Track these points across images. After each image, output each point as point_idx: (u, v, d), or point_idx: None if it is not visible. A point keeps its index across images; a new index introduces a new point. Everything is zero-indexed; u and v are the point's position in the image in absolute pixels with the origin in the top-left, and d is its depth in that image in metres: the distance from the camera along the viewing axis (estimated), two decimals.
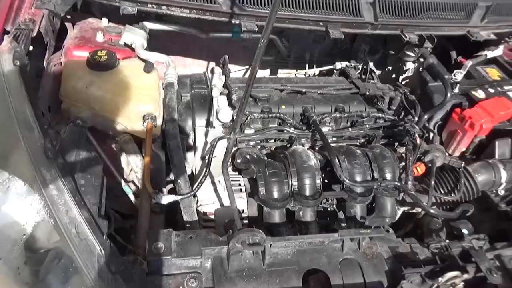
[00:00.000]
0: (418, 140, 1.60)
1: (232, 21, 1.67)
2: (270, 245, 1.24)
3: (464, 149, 1.85)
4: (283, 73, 2.60)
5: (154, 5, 1.64)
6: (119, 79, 1.61)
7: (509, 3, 1.99)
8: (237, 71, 2.55)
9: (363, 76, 2.16)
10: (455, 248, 1.33)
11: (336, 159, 1.53)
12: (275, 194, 1.49)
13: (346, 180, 1.50)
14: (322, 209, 1.67)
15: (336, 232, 1.29)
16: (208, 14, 1.66)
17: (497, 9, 1.97)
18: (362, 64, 2.20)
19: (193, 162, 1.70)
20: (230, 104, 1.72)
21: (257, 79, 2.04)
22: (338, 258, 1.28)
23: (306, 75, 2.52)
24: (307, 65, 2.48)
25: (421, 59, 1.90)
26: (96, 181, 1.24)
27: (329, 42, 2.50)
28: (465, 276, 1.20)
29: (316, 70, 2.48)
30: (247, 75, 2.37)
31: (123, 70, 1.64)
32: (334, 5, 1.72)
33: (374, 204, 1.63)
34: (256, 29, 1.66)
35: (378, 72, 2.53)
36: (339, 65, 2.29)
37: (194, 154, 1.67)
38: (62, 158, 1.22)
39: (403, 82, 2.33)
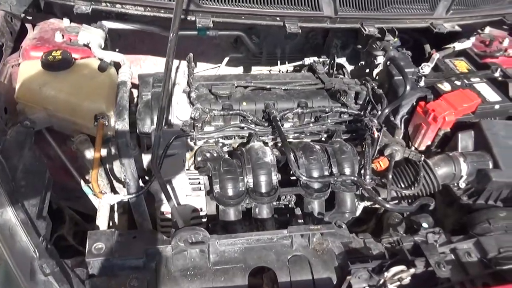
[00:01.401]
0: (376, 134, 1.58)
1: (188, 18, 1.66)
2: (216, 243, 1.23)
3: (429, 142, 1.83)
4: (256, 70, 2.58)
5: (108, 4, 1.63)
6: (74, 79, 1.60)
7: None
8: (209, 69, 2.53)
9: (331, 71, 2.14)
10: (406, 242, 1.32)
11: (292, 155, 1.51)
12: (230, 192, 1.48)
13: (301, 176, 1.48)
14: (283, 206, 1.65)
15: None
16: (163, 11, 1.64)
17: (462, 1, 1.94)
18: (330, 59, 2.17)
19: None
20: (190, 102, 1.70)
21: (221, 76, 2.03)
22: (287, 255, 1.27)
23: (280, 72, 2.51)
24: (279, 62, 2.45)
25: (384, 52, 1.87)
26: (39, 182, 1.23)
27: (301, 38, 2.48)
28: (412, 270, 1.18)
29: (288, 66, 2.46)
30: (215, 73, 2.36)
31: (78, 69, 1.63)
32: None
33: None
34: (211, 26, 1.64)
35: (351, 67, 2.52)
36: (308, 60, 2.27)
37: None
38: (3, 159, 1.20)
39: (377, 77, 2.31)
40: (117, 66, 1.79)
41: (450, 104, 1.75)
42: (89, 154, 1.57)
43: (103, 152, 1.56)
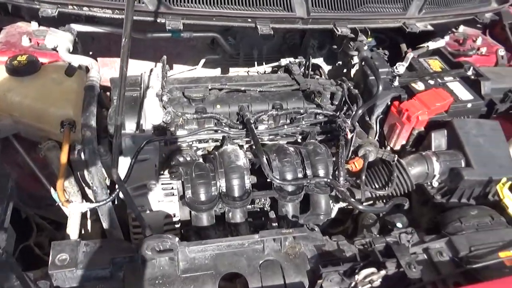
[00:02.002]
0: (349, 135, 1.57)
1: (158, 20, 1.63)
2: (186, 250, 1.21)
3: (404, 142, 1.83)
4: (233, 71, 2.56)
5: (75, 7, 1.59)
6: (40, 84, 1.55)
7: None
8: (186, 71, 2.50)
9: (307, 72, 2.13)
10: (378, 243, 1.31)
11: (265, 158, 1.50)
12: (202, 197, 1.46)
13: (274, 179, 1.47)
14: (258, 209, 1.64)
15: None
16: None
17: (435, 0, 1.95)
18: (306, 59, 2.16)
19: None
20: (162, 105, 1.67)
21: (196, 78, 2.00)
22: (258, 260, 1.25)
23: (258, 73, 2.49)
24: (256, 63, 2.44)
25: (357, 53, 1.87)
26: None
27: (278, 39, 2.47)
28: (382, 272, 1.17)
29: (265, 67, 2.44)
30: (189, 75, 2.33)
31: (45, 74, 1.59)
32: (263, 0, 1.69)
33: None
34: (182, 28, 1.61)
35: (328, 68, 2.52)
36: (284, 61, 2.26)
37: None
38: None
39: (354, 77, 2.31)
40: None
41: (423, 104, 1.76)
42: (58, 161, 1.52)
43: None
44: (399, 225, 1.50)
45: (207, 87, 1.83)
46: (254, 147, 1.76)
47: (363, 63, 2.05)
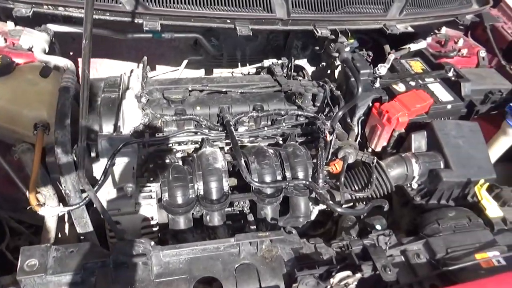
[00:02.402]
0: (328, 137, 1.57)
1: (135, 21, 1.60)
2: (160, 254, 1.19)
3: (385, 143, 1.83)
4: (217, 72, 2.54)
5: (50, 6, 1.56)
6: (14, 85, 1.52)
7: None
8: (169, 71, 2.48)
9: (290, 73, 2.13)
10: (356, 246, 1.31)
11: (243, 160, 1.48)
12: (179, 200, 1.44)
13: (252, 182, 1.46)
14: (238, 212, 1.62)
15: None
16: (108, 14, 1.58)
17: (416, 2, 1.96)
18: (288, 60, 2.16)
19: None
20: (140, 107, 1.65)
21: (176, 80, 1.98)
22: (234, 264, 1.24)
23: (242, 74, 2.48)
24: (239, 64, 2.42)
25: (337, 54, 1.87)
26: None
27: (262, 40, 2.46)
28: (358, 275, 1.17)
29: (248, 69, 2.43)
30: (171, 76, 2.31)
31: (19, 75, 1.56)
32: (243, 1, 1.67)
33: None
34: (159, 28, 1.59)
35: (312, 69, 2.51)
36: (267, 62, 2.25)
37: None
38: None
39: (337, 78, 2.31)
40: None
41: (403, 105, 1.76)
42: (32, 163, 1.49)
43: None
44: (378, 227, 1.50)
45: (187, 88, 1.81)
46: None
47: (344, 65, 2.06)
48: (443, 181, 1.56)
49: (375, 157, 1.60)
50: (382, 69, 2.02)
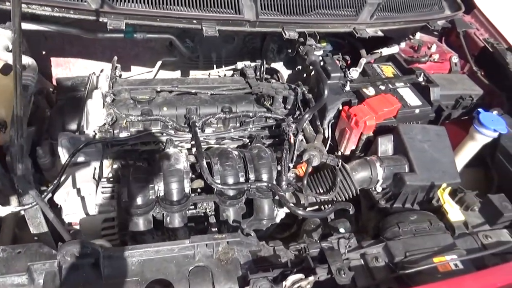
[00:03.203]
0: (292, 139, 1.56)
1: (100, 20, 1.59)
2: (112, 255, 1.17)
3: (353, 147, 1.83)
4: (194, 74, 2.53)
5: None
6: None
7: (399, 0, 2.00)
8: (145, 72, 2.46)
9: (262, 75, 2.12)
10: (313, 249, 1.30)
11: (204, 162, 1.47)
12: (138, 200, 1.42)
13: (213, 183, 1.44)
14: (202, 214, 1.60)
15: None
16: (72, 12, 1.56)
17: (387, 7, 1.97)
18: (261, 63, 2.15)
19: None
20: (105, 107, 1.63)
21: (147, 80, 1.96)
22: (188, 266, 1.22)
23: (219, 75, 2.47)
24: (215, 66, 2.41)
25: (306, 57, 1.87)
26: None
27: (238, 42, 2.45)
28: (311, 278, 1.16)
29: (224, 70, 2.42)
30: (144, 77, 2.29)
31: None
32: (211, 2, 1.67)
33: None
34: (124, 28, 1.58)
35: (288, 72, 2.51)
36: (240, 64, 2.24)
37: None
38: None
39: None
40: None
41: (371, 109, 1.76)
42: None
43: None
44: (341, 230, 1.50)
45: (155, 89, 1.79)
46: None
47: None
48: (406, 184, 1.55)
49: (340, 160, 1.60)
50: (354, 73, 2.03)
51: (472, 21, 2.38)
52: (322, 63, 2.01)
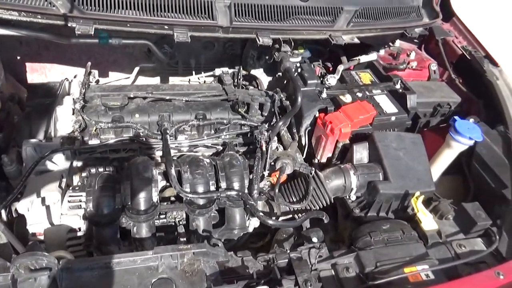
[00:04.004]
0: (264, 147, 1.53)
1: (68, 25, 1.55)
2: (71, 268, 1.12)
3: (330, 154, 1.81)
4: (173, 80, 2.50)
5: None
6: None
7: (376, 7, 1.99)
8: (122, 79, 2.43)
9: (239, 82, 2.10)
10: (281, 259, 1.27)
11: (173, 170, 1.44)
12: (104, 210, 1.38)
13: (181, 192, 1.41)
14: (173, 223, 1.56)
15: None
16: (40, 17, 1.53)
17: (364, 14, 1.96)
18: (238, 69, 2.14)
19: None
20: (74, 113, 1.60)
21: (120, 86, 1.93)
22: (151, 278, 1.18)
23: (199, 82, 2.44)
24: (193, 72, 2.39)
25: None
26: None
27: (218, 48, 2.43)
28: None
29: (204, 77, 2.40)
30: (121, 83, 2.25)
31: None
32: (183, 7, 1.64)
33: None
34: (92, 33, 1.54)
35: (269, 79, 2.50)
36: (218, 71, 2.22)
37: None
38: None
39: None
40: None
41: (347, 116, 1.75)
42: None
43: None
44: (314, 239, 1.46)
45: (128, 95, 1.76)
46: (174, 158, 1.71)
47: (295, 74, 2.04)
48: (380, 193, 1.53)
49: (313, 168, 1.57)
50: (332, 79, 2.02)
51: (451, 29, 2.39)
52: (299, 70, 2.00)
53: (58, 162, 1.55)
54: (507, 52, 2.78)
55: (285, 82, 2.39)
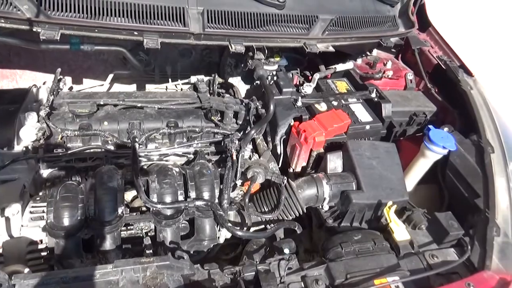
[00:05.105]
0: (234, 156, 1.50)
1: (34, 29, 1.51)
2: (24, 283, 1.06)
3: (304, 163, 1.79)
4: (150, 87, 2.46)
5: None
6: None
7: (352, 16, 1.99)
8: (97, 86, 2.38)
9: (213, 89, 2.08)
10: (248, 272, 1.23)
11: (139, 179, 1.39)
12: (65, 221, 1.32)
13: (147, 202, 1.36)
14: (143, 235, 1.51)
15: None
16: (3, 21, 1.48)
17: (340, 22, 1.96)
18: (213, 77, 2.11)
19: None
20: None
21: (91, 93, 1.89)
22: None
23: (177, 89, 2.40)
24: (170, 79, 2.35)
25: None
26: None
27: (196, 56, 2.41)
28: None
29: (181, 85, 2.36)
30: (95, 90, 2.21)
31: None
32: (154, 13, 1.61)
33: None
34: (58, 38, 1.50)
35: (247, 87, 2.48)
36: (194, 78, 2.19)
37: None
38: None
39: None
40: None
41: (321, 124, 1.73)
42: None
43: None
44: (286, 250, 1.42)
45: (98, 102, 1.72)
46: (144, 167, 1.66)
47: (271, 82, 2.02)
48: (353, 203, 1.51)
49: (285, 177, 1.54)
50: (308, 88, 2.01)
51: (427, 39, 2.41)
52: (275, 78, 1.99)
53: (19, 171, 1.48)
54: (482, 61, 2.81)
55: (262, 90, 2.37)
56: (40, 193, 1.54)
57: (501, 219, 1.49)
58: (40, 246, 1.42)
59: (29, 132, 1.50)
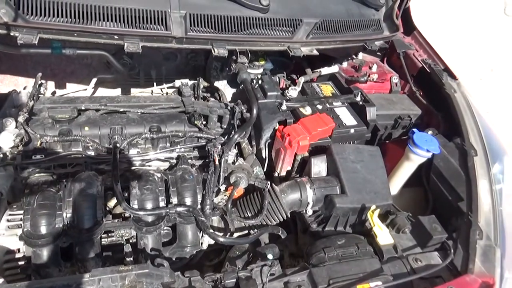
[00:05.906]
0: (217, 160, 1.48)
1: (11, 33, 1.48)
2: None
3: (289, 167, 1.78)
4: (135, 91, 2.44)
5: None
6: None
7: (337, 19, 1.99)
8: (81, 90, 2.35)
9: (197, 93, 2.06)
10: (229, 279, 1.21)
11: (119, 185, 1.37)
12: (43, 230, 1.29)
13: (127, 208, 1.34)
14: (124, 242, 1.48)
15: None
16: None
17: (324, 26, 1.96)
18: (197, 81, 2.09)
19: None
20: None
21: (73, 98, 1.86)
22: None
23: (162, 94, 2.38)
24: (155, 83, 2.33)
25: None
26: None
27: (181, 60, 2.39)
28: None
29: (166, 89, 2.34)
30: (78, 94, 2.18)
31: None
32: (135, 17, 1.59)
33: None
34: (36, 42, 1.47)
35: (233, 90, 2.46)
36: (178, 82, 2.18)
37: None
38: None
39: None
40: None
41: (305, 128, 1.72)
42: None
43: None
44: (270, 256, 1.41)
45: (79, 107, 1.69)
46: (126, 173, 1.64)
47: (255, 86, 2.01)
48: (337, 207, 1.50)
49: (268, 182, 1.53)
50: (293, 91, 2.00)
51: (412, 42, 2.42)
52: (260, 82, 1.97)
53: None
54: (466, 65, 2.84)
55: None
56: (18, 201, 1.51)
57: (484, 222, 1.49)
58: (18, 255, 1.38)
59: (7, 138, 1.47)
